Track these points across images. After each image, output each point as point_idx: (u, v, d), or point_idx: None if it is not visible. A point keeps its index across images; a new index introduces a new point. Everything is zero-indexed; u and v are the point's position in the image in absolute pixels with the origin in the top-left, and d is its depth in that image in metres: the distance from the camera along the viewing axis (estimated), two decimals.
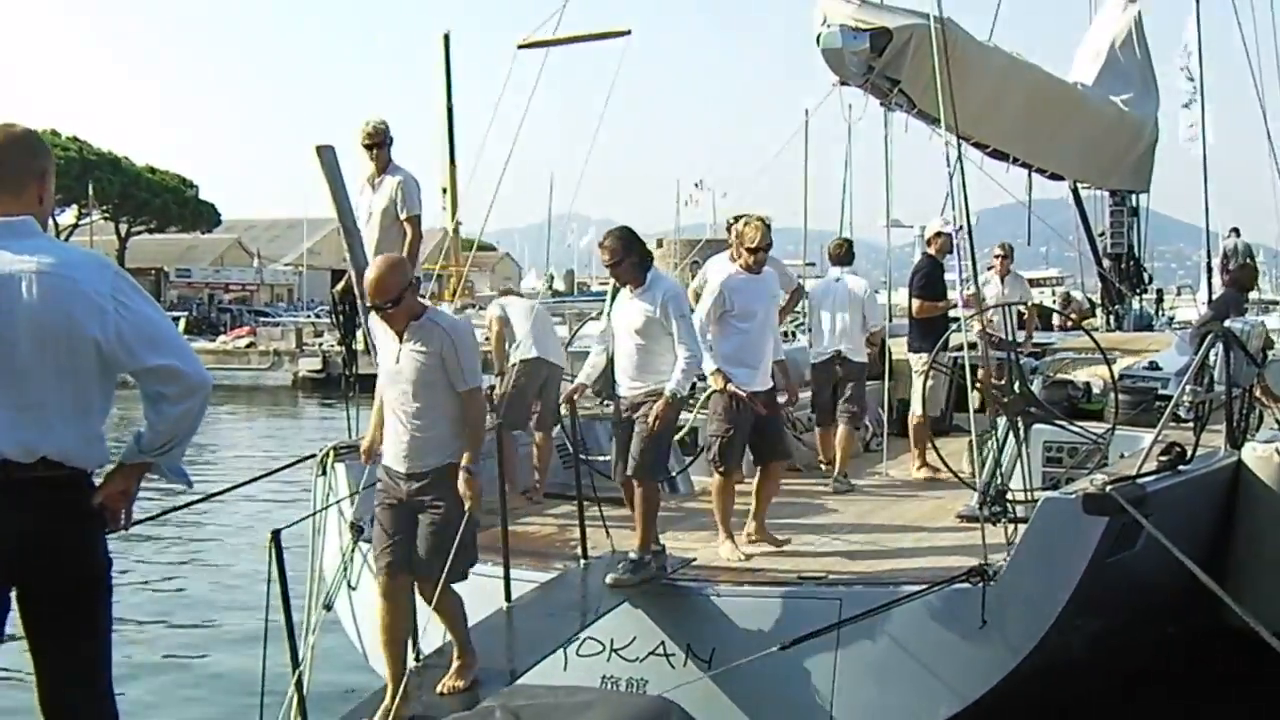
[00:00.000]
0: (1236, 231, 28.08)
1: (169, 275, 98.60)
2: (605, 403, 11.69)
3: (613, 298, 10.17)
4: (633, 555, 9.49)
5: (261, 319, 76.61)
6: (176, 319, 64.71)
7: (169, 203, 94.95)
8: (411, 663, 8.48)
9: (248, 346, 61.75)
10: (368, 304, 7.98)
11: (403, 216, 11.60)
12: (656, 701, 2.73)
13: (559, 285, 68.77)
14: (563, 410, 11.17)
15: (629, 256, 9.70)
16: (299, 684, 7.83)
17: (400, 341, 7.96)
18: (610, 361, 10.30)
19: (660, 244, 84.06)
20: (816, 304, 14.12)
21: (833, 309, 13.98)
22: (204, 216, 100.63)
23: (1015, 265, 17.71)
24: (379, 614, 8.12)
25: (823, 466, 14.18)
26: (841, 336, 13.90)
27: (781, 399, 11.60)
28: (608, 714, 2.51)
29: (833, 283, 14.36)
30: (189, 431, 5.28)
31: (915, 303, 14.18)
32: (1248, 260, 20.73)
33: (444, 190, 46.02)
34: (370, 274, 7.93)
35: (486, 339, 13.42)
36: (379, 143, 11.74)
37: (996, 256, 17.00)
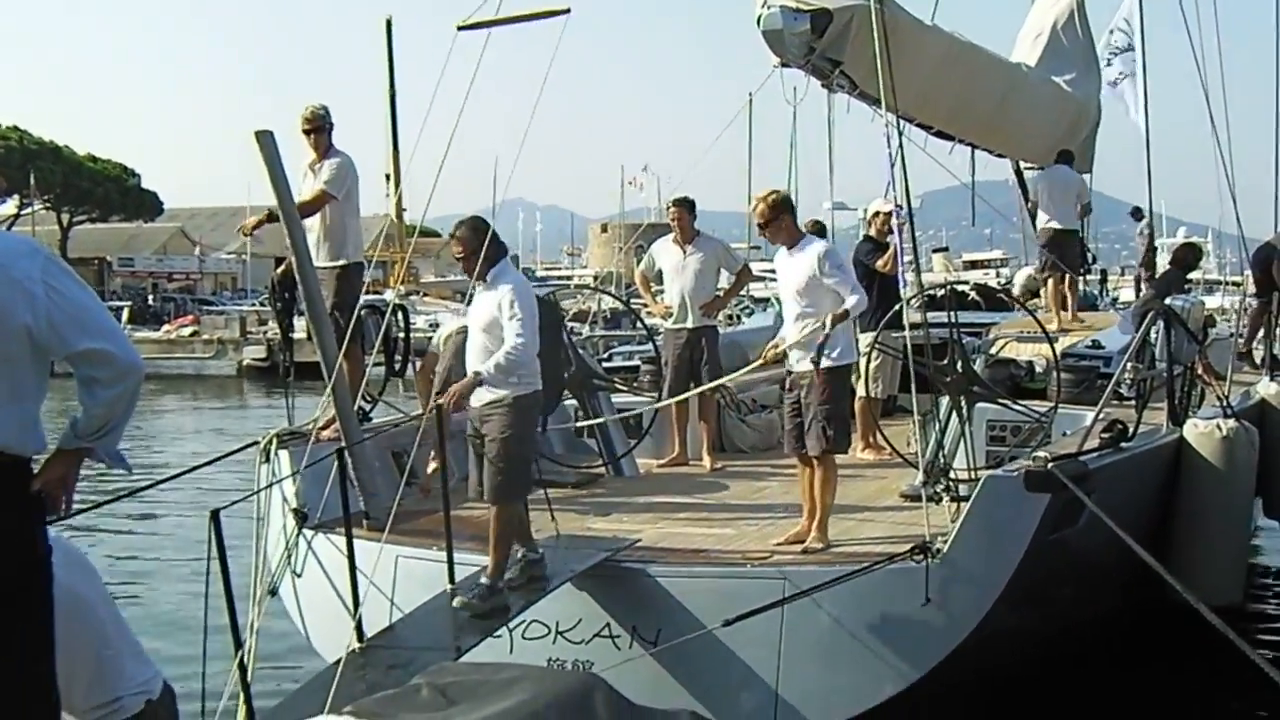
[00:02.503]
0: (1138, 211, 28.01)
1: (112, 265, 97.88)
2: None
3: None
4: (484, 580, 9.10)
5: (205, 308, 76.13)
6: (120, 309, 64.36)
7: (111, 192, 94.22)
8: (355, 644, 8.46)
9: (191, 335, 61.31)
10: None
11: (317, 187, 11.54)
12: (582, 677, 2.73)
13: None
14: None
15: (482, 249, 9.15)
16: (242, 667, 7.77)
17: None
18: None
19: (605, 228, 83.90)
20: None
21: None
22: (146, 205, 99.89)
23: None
24: None
25: None
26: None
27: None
28: (534, 689, 2.51)
29: None
30: (124, 415, 5.23)
31: (877, 264, 13.89)
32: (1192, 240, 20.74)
33: (387, 176, 45.71)
34: None
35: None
36: (318, 128, 11.65)
37: None
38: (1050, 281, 18.28)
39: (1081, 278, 22.66)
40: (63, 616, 5.32)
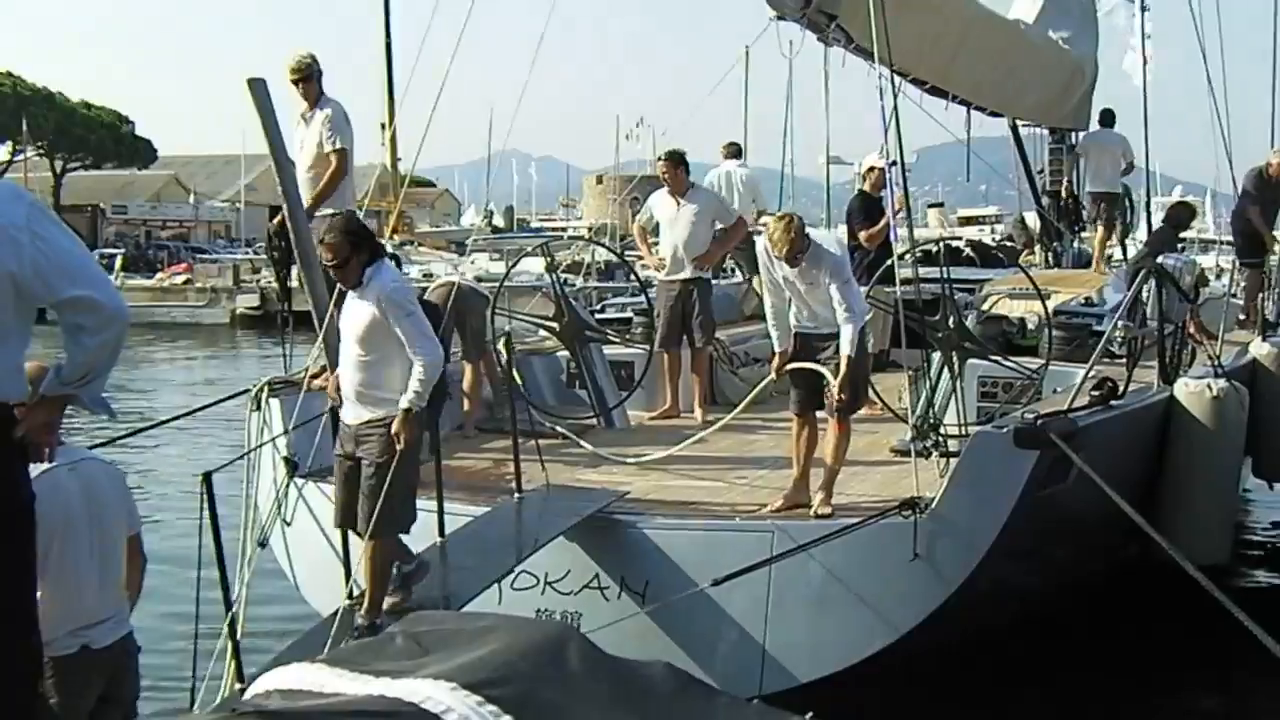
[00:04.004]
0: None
1: (105, 212, 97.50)
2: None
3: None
4: (360, 620, 8.23)
5: (199, 256, 75.97)
6: (113, 256, 64.30)
7: (105, 139, 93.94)
8: (346, 601, 8.47)
9: (185, 284, 61.23)
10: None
11: (327, 149, 11.45)
12: (558, 627, 2.75)
13: (498, 221, 68.72)
14: None
15: (356, 254, 7.98)
16: (231, 626, 7.79)
17: None
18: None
19: (600, 180, 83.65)
20: None
21: None
22: (140, 153, 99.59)
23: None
24: None
25: None
26: None
27: None
28: (508, 638, 2.53)
29: None
30: (108, 362, 5.23)
31: (862, 235, 14.08)
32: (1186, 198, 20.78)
33: (383, 126, 45.46)
34: None
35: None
36: (306, 77, 11.54)
37: None
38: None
39: (1077, 236, 22.69)
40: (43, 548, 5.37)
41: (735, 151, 17.53)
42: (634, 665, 2.98)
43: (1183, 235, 18.25)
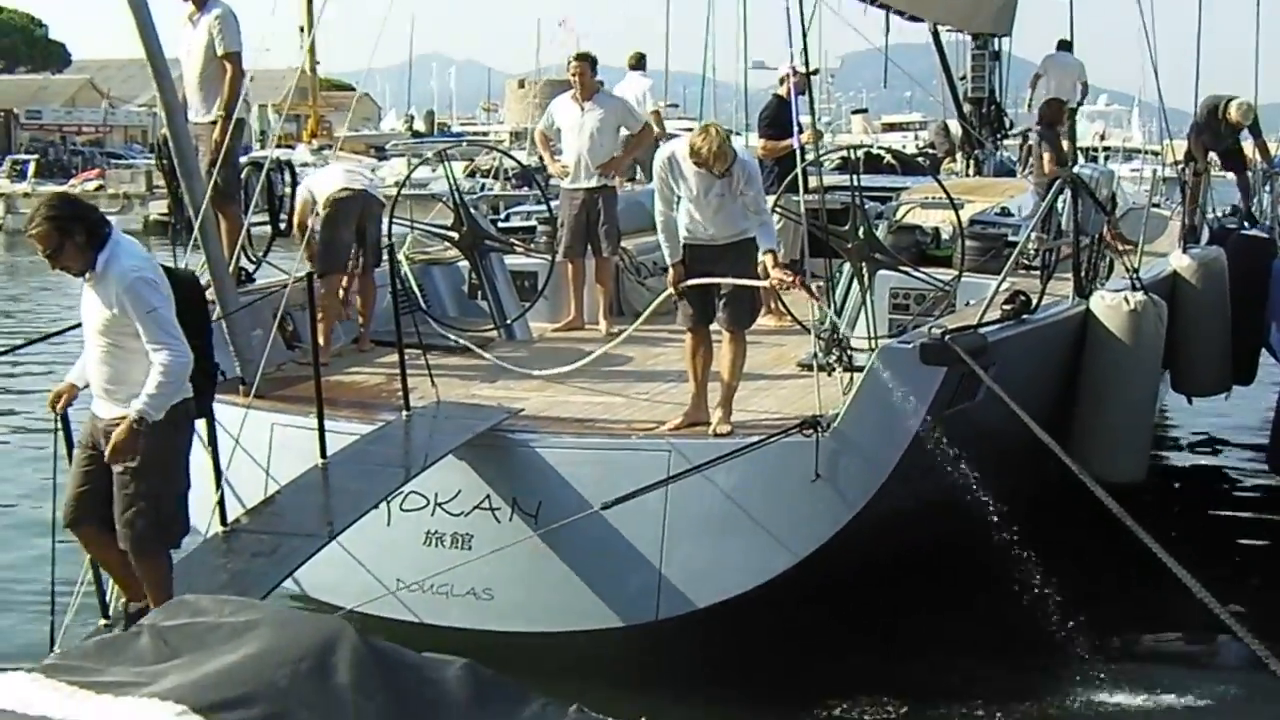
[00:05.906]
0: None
1: (19, 118, 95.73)
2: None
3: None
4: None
5: (113, 161, 74.55)
6: (26, 163, 63.21)
7: (17, 43, 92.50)
8: (218, 527, 8.08)
9: (97, 190, 59.83)
10: None
11: (220, 53, 11.02)
12: (328, 627, 2.40)
13: (419, 126, 68.06)
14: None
15: (69, 239, 6.84)
16: (94, 563, 7.43)
17: None
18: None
19: (522, 84, 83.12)
20: None
21: None
22: (54, 56, 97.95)
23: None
24: None
25: None
26: None
27: None
28: (269, 640, 2.17)
29: None
30: None
31: (759, 143, 13.83)
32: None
33: (301, 28, 44.93)
34: None
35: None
36: None
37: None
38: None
39: (999, 144, 22.38)
40: None
41: (640, 61, 17.32)
42: (423, 669, 2.56)
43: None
